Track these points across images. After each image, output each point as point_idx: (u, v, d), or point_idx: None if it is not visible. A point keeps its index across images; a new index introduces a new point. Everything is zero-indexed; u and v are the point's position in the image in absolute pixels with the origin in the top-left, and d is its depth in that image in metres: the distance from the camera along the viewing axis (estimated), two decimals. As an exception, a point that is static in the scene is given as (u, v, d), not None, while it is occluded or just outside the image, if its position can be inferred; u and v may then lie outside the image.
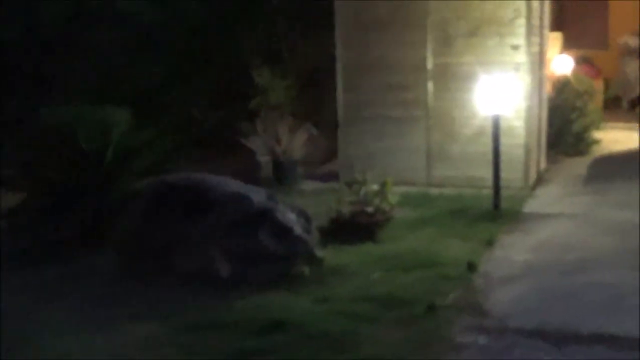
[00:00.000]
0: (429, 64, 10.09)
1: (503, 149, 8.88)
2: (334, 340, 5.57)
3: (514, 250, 7.63)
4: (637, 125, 12.53)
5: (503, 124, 8.95)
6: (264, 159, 10.87)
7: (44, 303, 6.42)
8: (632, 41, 16.19)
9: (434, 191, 9.81)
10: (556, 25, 13.83)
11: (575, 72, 13.18)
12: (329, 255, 7.32)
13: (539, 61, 10.51)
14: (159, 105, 10.86)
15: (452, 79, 10.02)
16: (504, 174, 8.89)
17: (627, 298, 6.26)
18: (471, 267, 7.00)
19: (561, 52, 13.85)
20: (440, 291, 6.46)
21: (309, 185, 10.52)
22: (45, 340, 5.66)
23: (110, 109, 8.14)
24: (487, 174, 9.06)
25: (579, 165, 11.45)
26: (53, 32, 10.39)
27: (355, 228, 7.90)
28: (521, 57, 9.78)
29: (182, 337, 5.73)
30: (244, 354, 5.43)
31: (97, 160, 7.93)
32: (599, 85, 14.41)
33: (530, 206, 9.26)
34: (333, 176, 10.54)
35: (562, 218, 8.69)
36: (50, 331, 5.82)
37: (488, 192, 8.96)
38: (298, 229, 7.09)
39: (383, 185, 8.14)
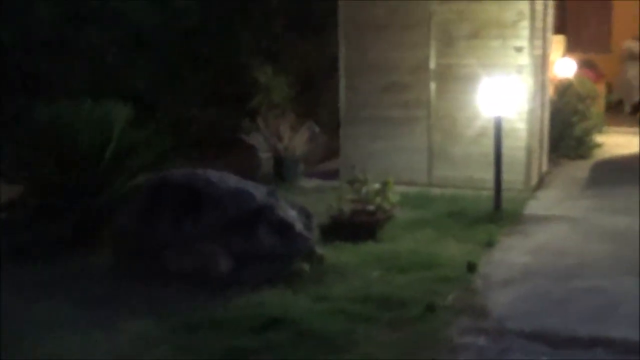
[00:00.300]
0: (432, 65, 10.09)
1: (505, 150, 8.87)
2: (331, 339, 5.55)
3: (514, 252, 7.62)
4: (639, 129, 12.52)
5: (505, 126, 8.94)
6: (265, 155, 10.86)
7: (41, 301, 6.38)
8: (635, 46, 16.21)
9: (435, 191, 9.80)
10: (559, 28, 13.83)
11: (578, 76, 13.17)
12: (329, 253, 7.31)
13: (541, 64, 10.51)
14: (157, 104, 10.82)
15: (454, 80, 10.03)
16: (505, 176, 8.88)
17: (625, 303, 6.26)
18: (471, 268, 6.99)
19: (564, 55, 13.85)
20: (439, 292, 6.45)
21: (310, 183, 10.52)
22: (42, 339, 5.64)
23: (110, 105, 8.10)
24: (488, 175, 9.05)
25: (580, 169, 11.46)
26: (51, 32, 10.33)
27: (355, 226, 7.89)
28: (524, 59, 9.78)
29: (180, 335, 5.71)
30: (241, 352, 5.40)
31: (97, 157, 7.90)
32: (601, 89, 14.41)
33: (531, 208, 9.26)
34: (334, 174, 10.54)
35: (562, 221, 8.69)
36: (47, 329, 5.79)
37: (489, 193, 8.95)
38: (299, 226, 7.07)
39: (384, 184, 8.13)
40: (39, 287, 6.76)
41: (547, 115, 11.12)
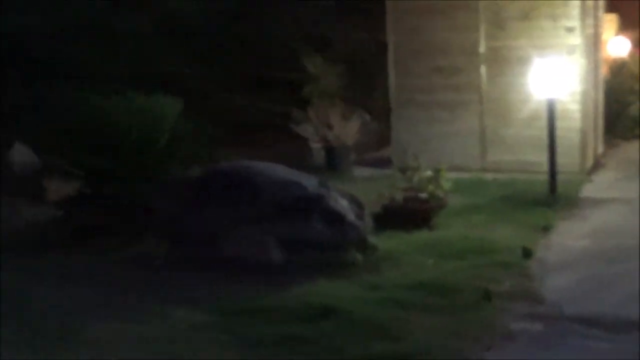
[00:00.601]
0: (482, 48, 9.97)
1: (558, 133, 8.73)
2: (385, 328, 5.49)
3: (570, 236, 7.51)
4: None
5: (558, 108, 8.79)
6: (316, 145, 10.84)
7: (95, 289, 6.42)
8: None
9: (488, 177, 9.71)
10: (611, 7, 13.57)
11: (632, 54, 12.93)
12: (381, 242, 7.25)
13: (594, 43, 10.34)
14: (200, 92, 10.69)
15: (505, 62, 9.90)
16: (559, 159, 8.74)
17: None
18: (526, 253, 6.89)
19: (617, 34, 13.60)
20: (494, 278, 6.37)
21: (362, 172, 10.47)
22: (96, 325, 5.66)
23: (162, 98, 8.14)
24: (542, 158, 8.93)
25: (637, 150, 11.23)
26: (83, 17, 10.16)
27: (408, 214, 7.83)
28: (576, 39, 9.62)
29: (231, 322, 5.68)
30: (293, 340, 5.35)
31: (149, 148, 7.94)
32: (656, 67, 14.11)
33: (587, 191, 9.12)
34: (386, 162, 10.47)
35: (619, 204, 8.54)
36: (99, 316, 5.81)
37: (543, 177, 8.82)
38: (350, 216, 7.04)
39: (436, 171, 8.06)
40: (92, 274, 6.79)
41: (600, 95, 10.93)
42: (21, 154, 9.30)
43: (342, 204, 7.11)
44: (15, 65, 9.88)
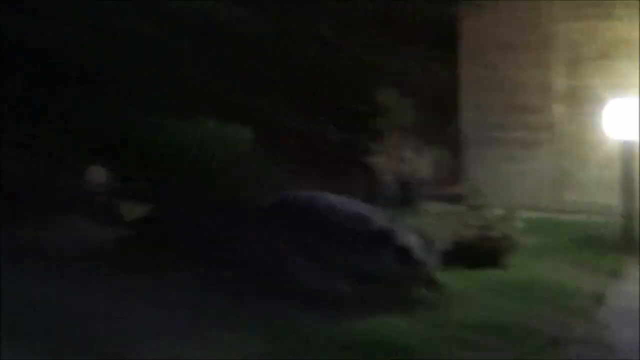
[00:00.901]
0: (557, 86, 9.87)
1: (634, 176, 8.57)
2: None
3: (642, 284, 7.35)
4: None
5: (634, 150, 8.64)
6: (388, 179, 10.80)
7: (153, 315, 6.42)
8: None
9: (562, 217, 9.57)
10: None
11: None
12: (449, 279, 7.17)
13: (673, 84, 10.16)
14: (274, 122, 10.53)
15: (580, 101, 9.81)
16: (635, 202, 8.58)
17: None
18: (597, 299, 6.76)
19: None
20: (563, 323, 6.25)
21: (433, 207, 10.38)
22: (151, 347, 5.64)
23: (234, 127, 8.22)
24: (617, 201, 8.76)
25: None
26: (126, 33, 9.69)
27: (478, 253, 7.75)
28: (653, 80, 9.48)
29: (292, 352, 5.64)
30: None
31: (220, 176, 8.01)
32: None
33: (664, 236, 8.91)
34: (458, 199, 10.38)
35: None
36: (153, 338, 5.79)
37: (618, 220, 8.66)
38: (418, 252, 6.98)
39: (509, 210, 7.96)
40: (155, 299, 6.79)
41: (680, 138, 10.72)
42: (95, 175, 9.43)
43: (411, 240, 7.06)
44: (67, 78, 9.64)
